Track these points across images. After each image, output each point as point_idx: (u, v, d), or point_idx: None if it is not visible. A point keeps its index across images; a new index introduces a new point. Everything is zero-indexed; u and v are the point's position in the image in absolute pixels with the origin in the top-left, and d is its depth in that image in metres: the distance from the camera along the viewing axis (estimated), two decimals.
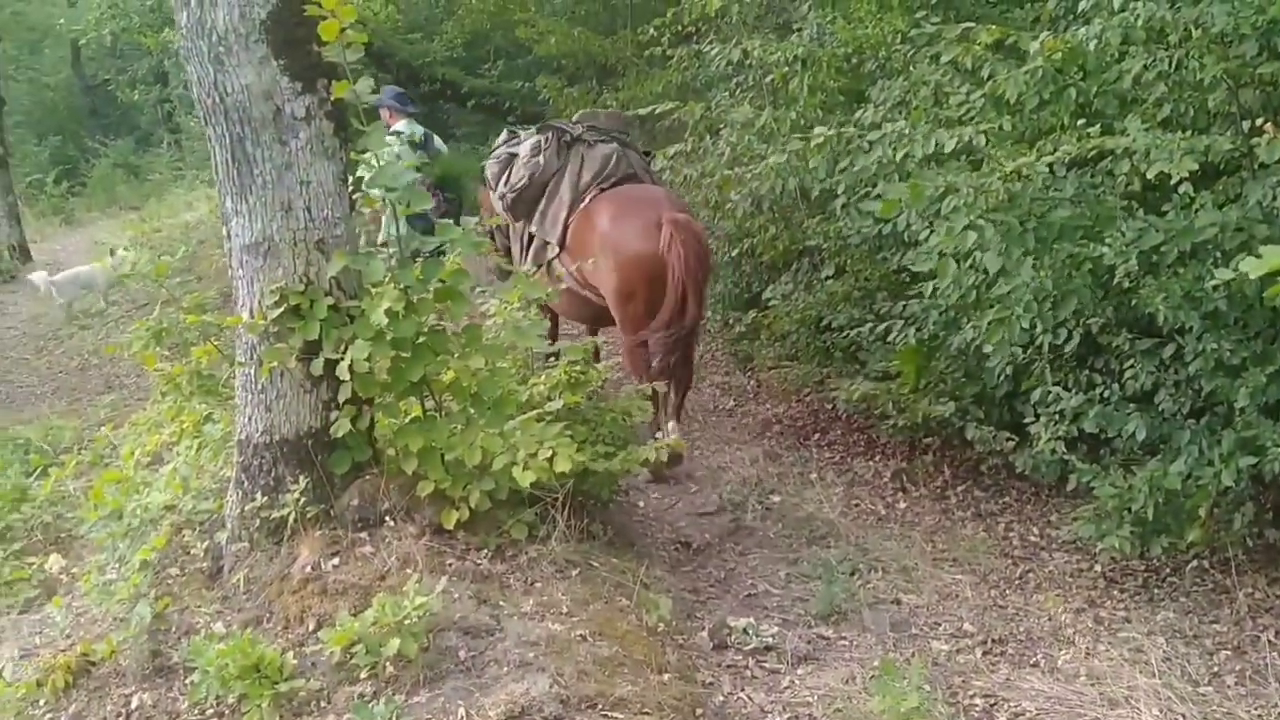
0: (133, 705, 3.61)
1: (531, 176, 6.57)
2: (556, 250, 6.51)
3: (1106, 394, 4.78)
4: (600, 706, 3.34)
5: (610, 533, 4.60)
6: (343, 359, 3.92)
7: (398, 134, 7.58)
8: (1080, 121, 4.58)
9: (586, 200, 6.38)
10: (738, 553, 5.19)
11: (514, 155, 6.81)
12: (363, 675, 3.41)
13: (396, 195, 4.00)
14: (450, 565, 3.93)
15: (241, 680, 3.39)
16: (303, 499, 3.97)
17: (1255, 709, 3.83)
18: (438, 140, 8.58)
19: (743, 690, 3.86)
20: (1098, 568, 4.92)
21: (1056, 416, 4.86)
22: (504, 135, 7.33)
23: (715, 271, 8.07)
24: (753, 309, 7.87)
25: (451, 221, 7.07)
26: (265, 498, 4.02)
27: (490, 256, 7.18)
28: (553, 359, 5.19)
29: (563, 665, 3.47)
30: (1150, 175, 4.22)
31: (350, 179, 4.14)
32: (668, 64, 9.86)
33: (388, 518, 4.06)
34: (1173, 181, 4.15)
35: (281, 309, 3.92)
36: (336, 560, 3.90)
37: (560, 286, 6.38)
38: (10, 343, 11.08)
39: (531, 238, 6.71)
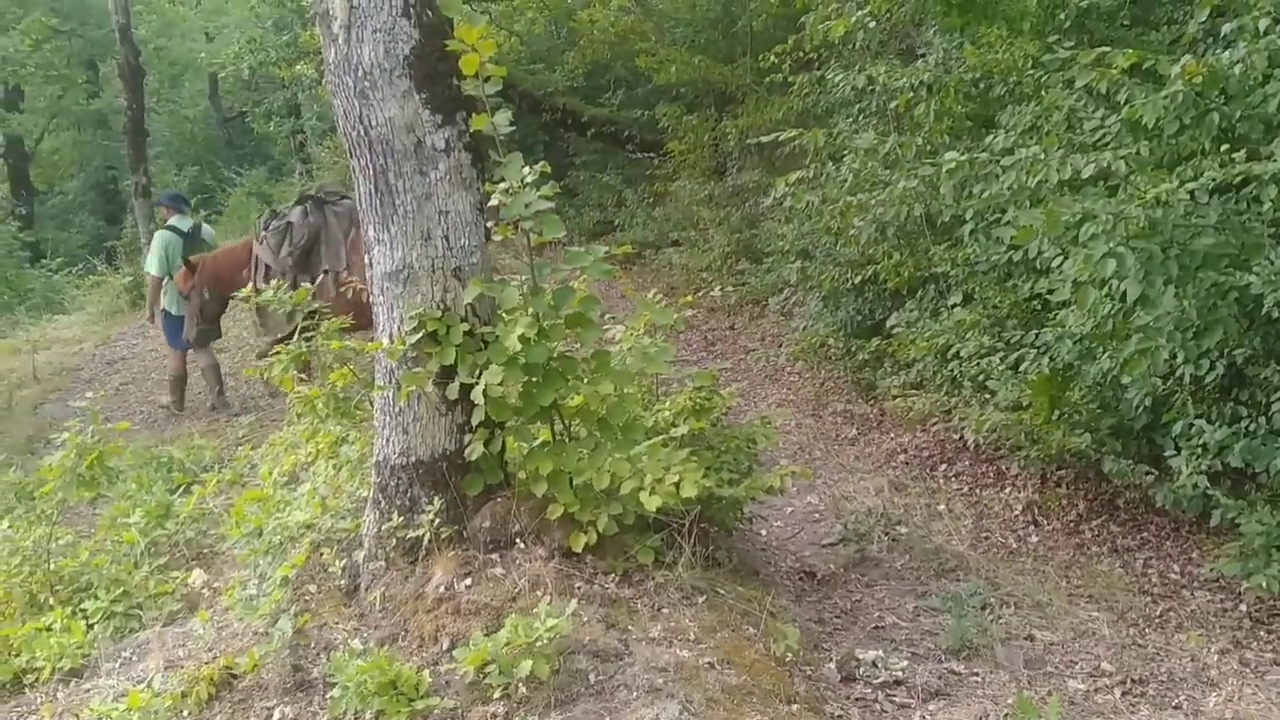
0: (274, 718, 3.73)
1: (308, 233, 8.83)
2: (345, 272, 8.45)
3: (1253, 427, 4.62)
4: None
5: (734, 560, 4.58)
6: (477, 383, 4.00)
7: (172, 227, 9.68)
8: (1223, 147, 4.45)
9: (352, 234, 8.59)
10: (863, 584, 5.12)
11: (290, 224, 8.92)
12: (495, 695, 3.46)
13: (531, 225, 4.07)
14: (579, 588, 3.97)
15: (379, 696, 3.48)
16: (437, 520, 4.06)
17: None
18: (206, 229, 10.39)
19: None
20: (1243, 607, 4.74)
21: (1199, 450, 4.71)
22: (268, 215, 9.51)
23: (836, 299, 8.17)
24: (875, 336, 7.79)
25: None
26: (401, 518, 4.12)
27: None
28: None
29: (692, 692, 3.47)
30: None
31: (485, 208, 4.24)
32: (788, 91, 9.85)
33: (518, 540, 4.12)
34: None
35: (420, 334, 4.03)
36: (469, 580, 3.97)
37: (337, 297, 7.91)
38: (153, 365, 11.58)
39: (311, 279, 8.42)
